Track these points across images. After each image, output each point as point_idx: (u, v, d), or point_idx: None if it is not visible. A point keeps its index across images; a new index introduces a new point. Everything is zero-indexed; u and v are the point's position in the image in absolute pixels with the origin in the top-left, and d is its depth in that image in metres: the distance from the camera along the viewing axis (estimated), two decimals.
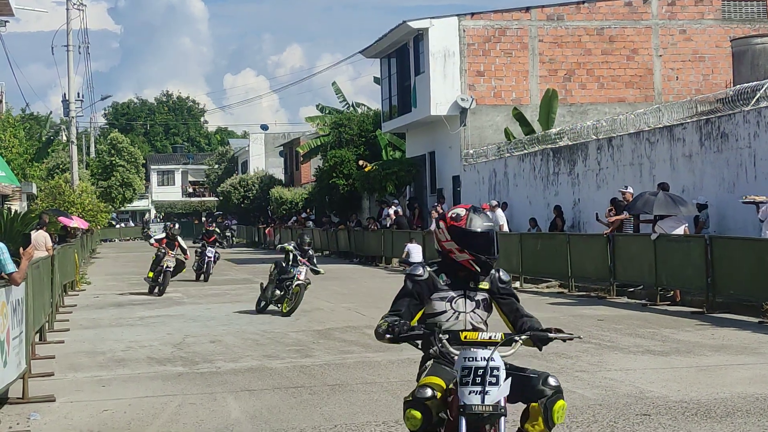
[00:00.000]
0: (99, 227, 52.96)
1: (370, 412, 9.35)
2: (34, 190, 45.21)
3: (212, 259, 28.62)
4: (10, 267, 9.57)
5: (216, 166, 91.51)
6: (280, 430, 8.69)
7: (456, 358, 5.63)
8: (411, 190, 40.18)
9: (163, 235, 25.54)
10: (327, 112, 53.02)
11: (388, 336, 5.69)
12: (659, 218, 18.85)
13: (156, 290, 23.92)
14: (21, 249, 9.98)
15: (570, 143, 27.70)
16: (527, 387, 5.70)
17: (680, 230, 18.80)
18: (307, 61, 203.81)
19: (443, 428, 5.68)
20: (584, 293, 21.23)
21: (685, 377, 10.79)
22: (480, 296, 5.98)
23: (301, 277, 18.55)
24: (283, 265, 18.85)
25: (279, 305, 18.46)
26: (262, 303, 18.84)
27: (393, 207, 36.05)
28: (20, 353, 9.95)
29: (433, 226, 13.35)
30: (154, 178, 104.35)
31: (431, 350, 5.87)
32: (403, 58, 37.87)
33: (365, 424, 8.83)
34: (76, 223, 35.08)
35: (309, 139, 55.64)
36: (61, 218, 32.33)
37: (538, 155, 29.25)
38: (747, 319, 15.85)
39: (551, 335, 5.73)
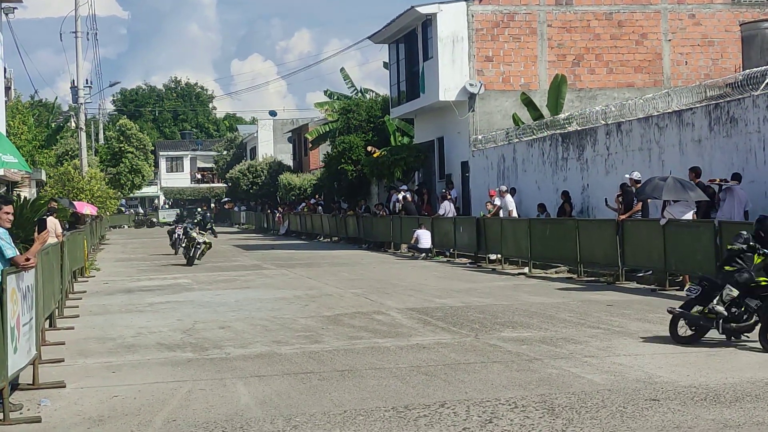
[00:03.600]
0: (108, 213, 53.05)
1: (380, 397, 9.37)
2: (44, 177, 45.31)
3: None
4: (10, 252, 9.54)
5: (224, 153, 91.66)
6: (289, 415, 8.71)
7: None
8: (419, 175, 40.16)
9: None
10: (335, 97, 52.96)
11: None
12: (668, 203, 18.82)
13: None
14: (35, 233, 9.97)
15: (579, 128, 27.63)
16: None
17: (689, 215, 18.77)
18: (315, 47, 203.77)
19: None
20: (593, 278, 21.21)
21: (694, 362, 10.79)
22: None
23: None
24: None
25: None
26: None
27: (402, 193, 36.05)
28: (30, 339, 9.98)
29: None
30: (162, 164, 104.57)
31: None
32: (411, 43, 37.76)
33: (375, 409, 8.85)
34: (88, 209, 35.21)
35: (317, 125, 55.61)
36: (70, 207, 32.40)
37: (547, 140, 29.19)
38: None
39: None
